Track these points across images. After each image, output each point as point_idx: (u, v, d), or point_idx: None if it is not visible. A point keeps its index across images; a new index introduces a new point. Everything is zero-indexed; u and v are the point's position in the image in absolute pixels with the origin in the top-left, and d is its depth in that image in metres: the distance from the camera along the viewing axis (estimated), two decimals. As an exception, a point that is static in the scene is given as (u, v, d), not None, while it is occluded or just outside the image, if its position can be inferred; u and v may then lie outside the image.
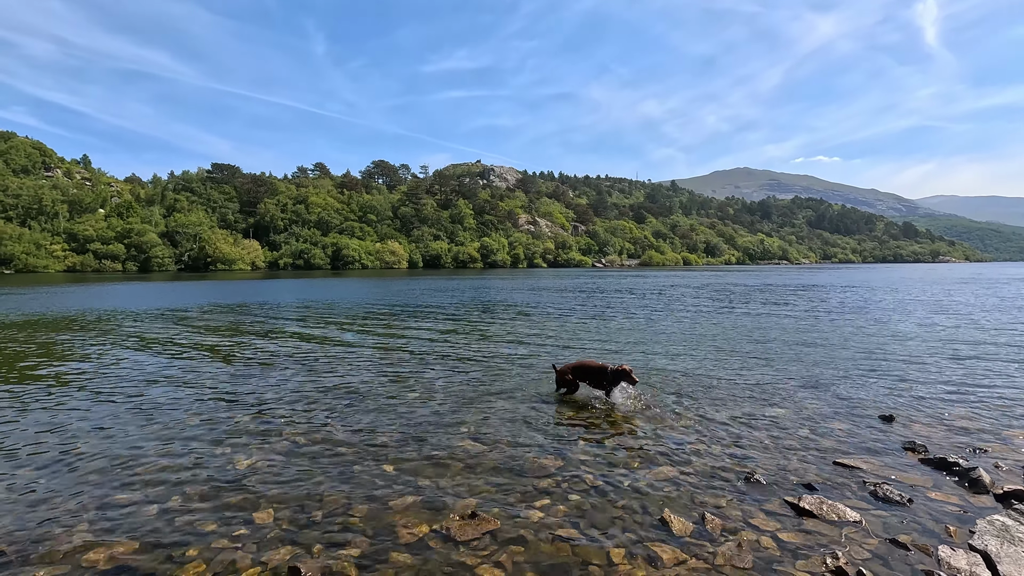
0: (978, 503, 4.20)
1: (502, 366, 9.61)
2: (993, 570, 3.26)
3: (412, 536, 3.71)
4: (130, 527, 3.85)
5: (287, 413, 6.74)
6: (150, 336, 13.88)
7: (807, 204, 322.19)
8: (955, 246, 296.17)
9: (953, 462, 4.81)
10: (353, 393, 7.75)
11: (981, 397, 7.34)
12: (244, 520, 3.96)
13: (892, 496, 4.25)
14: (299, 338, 13.48)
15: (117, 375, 9.11)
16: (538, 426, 6.17)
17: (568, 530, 3.79)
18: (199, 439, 5.77)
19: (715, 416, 6.51)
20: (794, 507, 4.09)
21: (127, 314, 19.82)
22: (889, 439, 5.67)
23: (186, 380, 8.71)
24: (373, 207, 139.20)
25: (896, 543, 3.59)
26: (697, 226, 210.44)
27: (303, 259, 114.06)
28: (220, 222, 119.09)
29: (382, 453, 5.32)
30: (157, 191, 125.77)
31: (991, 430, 5.97)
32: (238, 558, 3.44)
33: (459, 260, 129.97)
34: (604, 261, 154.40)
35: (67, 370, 9.56)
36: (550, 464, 5.02)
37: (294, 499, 4.30)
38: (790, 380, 8.40)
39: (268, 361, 10.31)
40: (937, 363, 9.66)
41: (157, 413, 6.79)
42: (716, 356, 10.47)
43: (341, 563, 3.39)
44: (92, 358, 10.72)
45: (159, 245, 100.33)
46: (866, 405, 6.96)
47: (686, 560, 3.42)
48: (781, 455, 5.23)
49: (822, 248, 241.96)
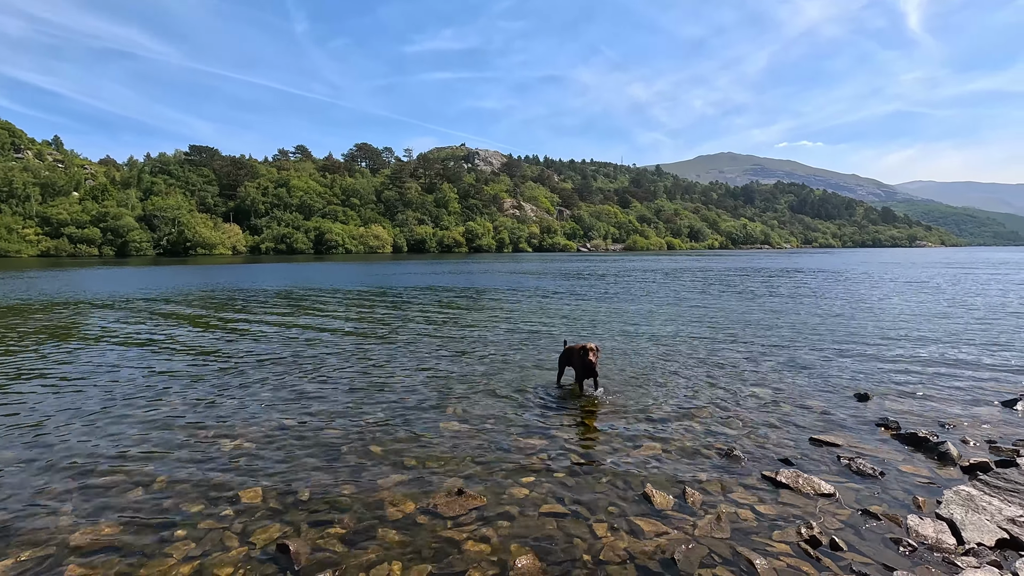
0: (946, 475, 4.37)
1: (488, 349, 9.66)
2: (958, 537, 3.41)
3: (399, 513, 3.77)
4: (116, 509, 3.85)
5: (272, 396, 6.73)
6: (131, 321, 13.67)
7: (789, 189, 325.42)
8: (932, 231, 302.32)
9: (923, 437, 4.98)
10: (339, 376, 7.75)
11: (951, 376, 7.58)
12: (231, 500, 3.97)
13: (865, 470, 4.40)
14: (283, 322, 13.38)
15: (98, 360, 8.98)
16: (524, 407, 6.24)
17: (553, 505, 3.87)
18: (182, 422, 5.74)
19: (697, 395, 6.64)
20: (772, 481, 4.22)
21: (106, 298, 19.45)
22: (864, 416, 5.85)
23: (168, 365, 8.63)
24: (356, 191, 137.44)
25: (868, 513, 3.73)
26: (681, 211, 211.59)
27: (285, 243, 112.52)
28: (199, 206, 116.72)
29: (369, 434, 5.35)
30: (133, 174, 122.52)
31: (960, 407, 6.18)
32: (226, 537, 3.47)
33: (444, 244, 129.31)
34: (589, 246, 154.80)
35: (47, 355, 9.39)
36: (536, 443, 5.09)
37: (281, 480, 4.32)
38: (770, 360, 8.58)
39: (252, 345, 10.24)
40: (910, 344, 9.93)
41: (140, 397, 6.73)
42: (698, 337, 10.63)
43: (329, 540, 3.43)
44: (72, 343, 10.54)
45: (136, 229, 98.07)
46: (842, 384, 7.15)
47: (667, 532, 3.52)
48: (760, 432, 5.37)
49: (803, 233, 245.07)
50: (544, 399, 6.57)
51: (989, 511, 3.65)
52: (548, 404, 6.37)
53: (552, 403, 6.42)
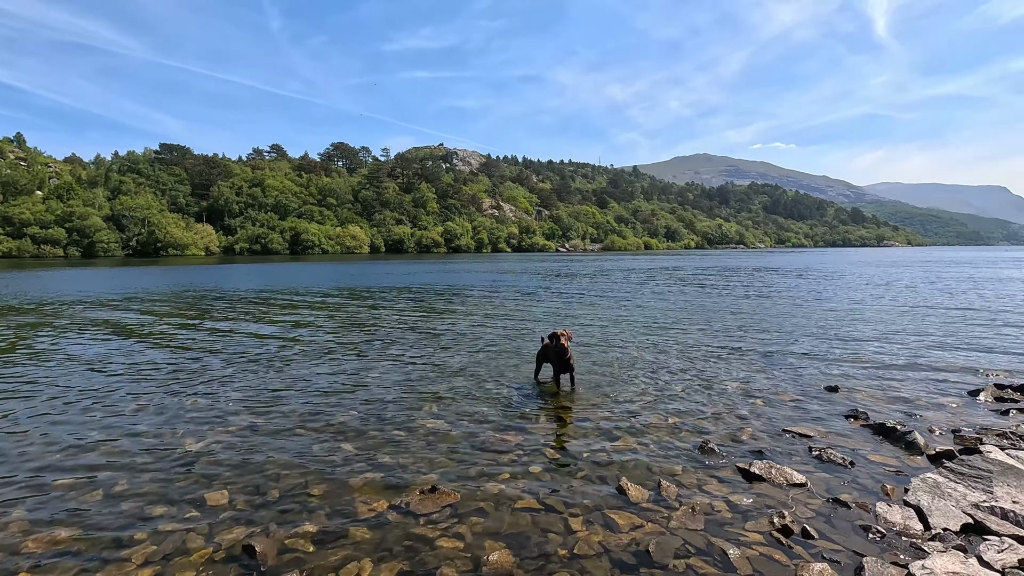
0: (913, 463, 4.46)
1: (466, 346, 9.59)
2: (925, 522, 3.47)
3: (371, 512, 3.68)
4: (73, 513, 3.69)
5: (243, 395, 6.56)
6: (96, 321, 13.22)
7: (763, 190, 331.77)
8: (898, 231, 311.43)
9: (891, 427, 5.08)
10: (312, 375, 7.60)
11: (918, 368, 7.77)
12: (196, 502, 3.84)
13: (835, 459, 4.47)
14: (254, 323, 13.10)
15: (58, 361, 8.66)
16: (501, 403, 6.20)
17: (528, 501, 3.83)
18: (149, 423, 5.55)
19: (673, 389, 6.68)
20: (745, 472, 4.25)
21: (70, 299, 18.80)
22: (834, 408, 5.95)
23: (136, 366, 8.36)
24: (333, 190, 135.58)
25: (838, 502, 3.77)
26: (658, 211, 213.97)
27: (260, 244, 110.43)
28: (170, 205, 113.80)
29: (342, 432, 5.24)
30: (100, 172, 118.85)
31: (926, 397, 6.33)
32: (189, 539, 3.34)
33: (422, 245, 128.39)
34: (568, 246, 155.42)
35: (7, 355, 9.01)
36: (511, 439, 5.05)
37: (249, 480, 4.19)
38: (744, 355, 8.69)
39: (221, 346, 9.99)
40: (878, 337, 10.17)
41: (104, 398, 6.49)
42: (675, 333, 10.72)
43: (298, 540, 3.33)
44: (35, 343, 10.14)
45: (104, 229, 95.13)
46: (814, 377, 7.28)
47: (642, 525, 3.51)
48: (734, 425, 5.41)
49: (777, 233, 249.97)
50: (521, 395, 6.53)
51: (954, 497, 3.72)
52: (525, 400, 6.34)
53: (529, 399, 6.38)
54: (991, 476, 3.97)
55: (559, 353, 6.59)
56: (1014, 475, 3.93)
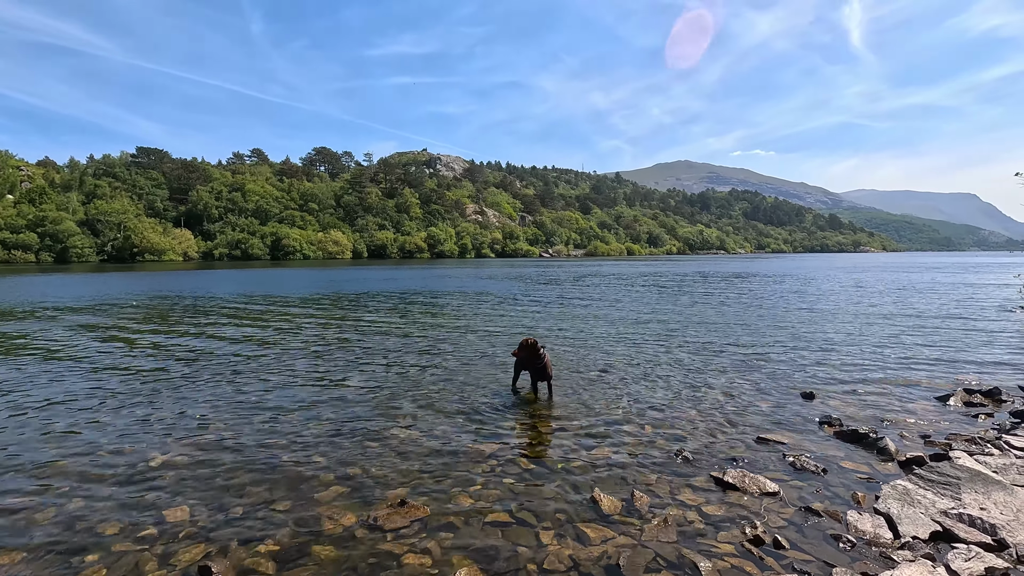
0: (884, 470, 4.48)
1: (445, 354, 9.49)
2: (894, 530, 3.47)
3: (337, 527, 3.58)
4: (20, 534, 3.52)
5: (212, 406, 6.38)
6: (62, 329, 12.83)
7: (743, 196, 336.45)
8: (874, 237, 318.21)
9: (864, 434, 5.11)
10: (284, 386, 7.44)
11: (891, 374, 7.88)
12: (155, 520, 3.70)
13: (808, 467, 4.47)
14: (228, 328, 12.82)
15: (23, 369, 8.35)
16: (477, 412, 6.11)
17: (499, 514, 3.76)
18: (111, 436, 5.36)
19: (649, 397, 6.67)
20: (719, 481, 4.23)
21: (35, 305, 18.24)
22: (809, 415, 5.98)
23: (100, 376, 8.10)
24: (315, 195, 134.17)
25: (810, 510, 3.77)
26: (640, 217, 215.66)
27: (240, 249, 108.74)
28: (147, 210, 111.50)
29: (313, 444, 5.12)
30: (75, 176, 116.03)
31: (898, 404, 6.41)
32: (143, 560, 3.20)
33: (405, 250, 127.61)
34: (551, 251, 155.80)
35: (-39, 368, 8.68)
36: (486, 449, 4.97)
37: (213, 495, 4.06)
38: (722, 362, 8.72)
39: (194, 354, 9.75)
40: (854, 344, 10.30)
41: (66, 410, 6.27)
42: (653, 340, 10.74)
43: (258, 559, 3.21)
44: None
45: (78, 234, 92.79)
46: (789, 384, 7.32)
47: (613, 537, 3.46)
48: (709, 433, 5.40)
49: (757, 238, 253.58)
50: (498, 404, 6.46)
51: (923, 504, 3.74)
52: (502, 409, 6.26)
53: (506, 408, 6.31)
54: (959, 483, 4.00)
55: (535, 361, 6.56)
56: (982, 481, 3.96)
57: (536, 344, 6.55)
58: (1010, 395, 6.61)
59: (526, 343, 6.57)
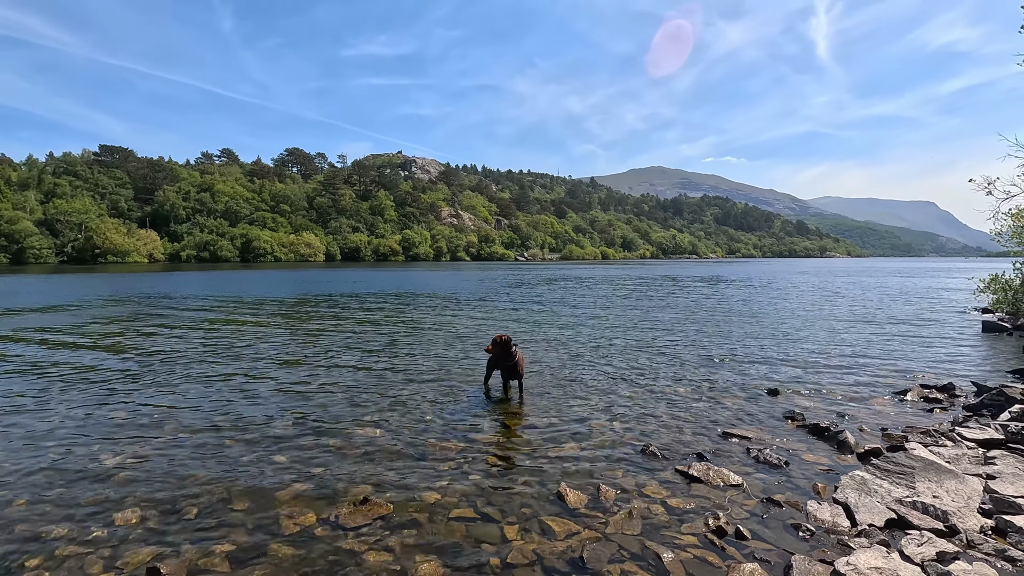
0: (844, 462, 4.58)
1: (416, 354, 9.38)
2: (852, 519, 3.54)
3: (296, 527, 3.48)
4: (-44, 539, 3.33)
5: (171, 406, 6.17)
6: (13, 329, 12.28)
7: (715, 202, 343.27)
8: (839, 242, 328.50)
9: (825, 427, 5.22)
10: (249, 383, 7.24)
11: (853, 371, 8.09)
12: (103, 522, 3.54)
13: (771, 460, 4.54)
14: (190, 329, 12.46)
15: (-34, 374, 7.96)
16: (446, 410, 6.05)
17: (464, 510, 3.71)
18: (61, 436, 5.13)
19: (618, 394, 6.70)
20: (684, 475, 4.26)
21: (-11, 309, 17.45)
22: (774, 410, 6.09)
23: (51, 375, 7.76)
24: (287, 197, 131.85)
25: (772, 501, 3.82)
26: (615, 221, 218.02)
27: (208, 251, 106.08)
28: (110, 210, 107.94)
29: (274, 443, 4.98)
30: (33, 174, 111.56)
31: (858, 398, 6.57)
32: (88, 563, 3.06)
33: (379, 253, 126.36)
34: (526, 255, 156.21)
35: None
36: (453, 446, 4.92)
37: (166, 495, 3.91)
38: (690, 360, 8.83)
39: (153, 354, 9.43)
40: (818, 341, 10.56)
41: (15, 410, 5.97)
42: (623, 340, 10.83)
43: (212, 560, 3.10)
44: (-64, 357, 9.30)
45: (36, 235, 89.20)
46: (756, 381, 7.45)
47: (578, 531, 3.44)
48: (676, 428, 5.45)
49: (728, 243, 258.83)
50: (468, 402, 6.40)
51: (880, 493, 3.82)
52: (471, 407, 6.21)
53: (475, 406, 6.26)
54: (914, 472, 4.11)
55: (507, 359, 6.52)
56: (935, 471, 4.08)
57: (509, 341, 6.51)
58: (963, 391, 6.84)
59: (499, 340, 6.53)
